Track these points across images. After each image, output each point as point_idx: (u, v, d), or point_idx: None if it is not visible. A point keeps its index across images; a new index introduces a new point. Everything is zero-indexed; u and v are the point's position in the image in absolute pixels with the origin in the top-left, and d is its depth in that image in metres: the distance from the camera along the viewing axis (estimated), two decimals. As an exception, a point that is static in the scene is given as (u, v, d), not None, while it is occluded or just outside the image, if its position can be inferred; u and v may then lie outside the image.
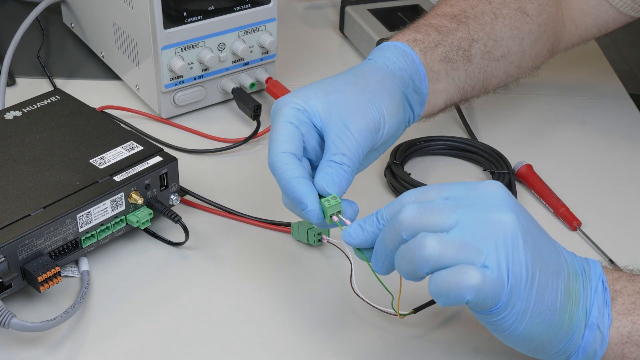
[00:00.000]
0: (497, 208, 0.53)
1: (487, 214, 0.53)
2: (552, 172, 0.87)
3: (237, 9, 0.88)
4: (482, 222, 0.53)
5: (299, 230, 0.75)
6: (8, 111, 0.79)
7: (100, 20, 0.96)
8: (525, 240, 0.53)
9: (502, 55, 0.79)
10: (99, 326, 0.67)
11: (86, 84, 0.98)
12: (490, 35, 0.78)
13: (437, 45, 0.75)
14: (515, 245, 0.52)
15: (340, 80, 0.67)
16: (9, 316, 0.62)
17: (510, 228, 0.52)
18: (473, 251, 0.52)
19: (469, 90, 0.79)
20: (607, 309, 0.55)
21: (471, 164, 0.88)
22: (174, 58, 0.87)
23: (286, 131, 0.63)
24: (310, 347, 0.66)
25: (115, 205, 0.71)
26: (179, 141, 0.88)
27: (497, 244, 0.52)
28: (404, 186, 0.81)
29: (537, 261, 0.53)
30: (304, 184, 0.62)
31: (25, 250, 0.65)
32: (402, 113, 0.69)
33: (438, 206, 0.54)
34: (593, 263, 0.58)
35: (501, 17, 0.79)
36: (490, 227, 0.52)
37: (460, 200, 0.54)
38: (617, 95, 1.00)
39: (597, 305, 0.55)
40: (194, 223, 0.77)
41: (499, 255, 0.52)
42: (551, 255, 0.55)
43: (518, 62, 0.81)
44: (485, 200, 0.54)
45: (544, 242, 0.55)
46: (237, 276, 0.72)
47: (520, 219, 0.53)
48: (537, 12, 0.81)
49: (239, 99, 0.91)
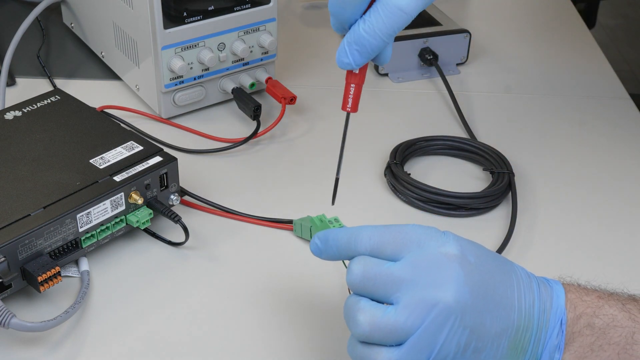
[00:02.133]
0: (438, 287, 0.53)
1: (426, 293, 0.53)
2: (552, 172, 0.87)
3: (237, 9, 0.88)
4: (419, 304, 0.53)
5: (301, 227, 0.75)
6: (8, 111, 0.79)
7: (100, 20, 0.96)
8: (463, 317, 0.53)
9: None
10: (99, 326, 0.67)
11: (86, 84, 0.98)
12: None
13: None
14: (446, 327, 0.53)
15: None
16: (9, 316, 0.62)
17: (445, 312, 0.53)
18: (400, 335, 0.53)
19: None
20: (558, 354, 0.55)
21: (471, 164, 0.88)
22: (174, 58, 0.87)
23: None
24: (312, 346, 0.66)
25: (115, 205, 0.71)
26: (179, 141, 0.88)
27: (427, 328, 0.53)
28: (404, 186, 0.81)
29: (475, 332, 0.54)
30: None
31: (25, 250, 0.65)
32: None
33: (382, 280, 0.55)
34: (557, 297, 0.56)
35: None
36: (426, 311, 0.53)
37: (408, 269, 0.54)
38: (617, 95, 1.00)
39: (549, 350, 0.55)
40: (193, 223, 0.77)
41: (424, 340, 0.53)
42: (498, 317, 0.54)
43: None
44: (430, 275, 0.54)
45: (493, 305, 0.54)
46: (237, 276, 0.72)
47: (462, 294, 0.53)
48: None
49: (239, 99, 0.91)
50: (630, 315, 0.56)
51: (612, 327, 0.55)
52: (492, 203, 0.81)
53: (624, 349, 0.55)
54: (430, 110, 0.97)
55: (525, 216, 0.80)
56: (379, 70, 1.01)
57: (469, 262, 0.54)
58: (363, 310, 0.54)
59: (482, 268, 0.55)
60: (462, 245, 0.55)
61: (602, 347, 0.55)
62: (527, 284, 0.56)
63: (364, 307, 0.55)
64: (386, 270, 0.55)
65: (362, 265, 0.55)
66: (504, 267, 0.56)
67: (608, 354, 0.55)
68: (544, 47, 1.12)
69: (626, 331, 0.55)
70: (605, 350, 0.55)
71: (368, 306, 0.55)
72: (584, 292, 0.57)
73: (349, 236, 0.57)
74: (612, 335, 0.55)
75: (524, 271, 0.57)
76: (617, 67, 1.08)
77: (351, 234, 0.57)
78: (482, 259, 0.55)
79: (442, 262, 0.54)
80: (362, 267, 0.55)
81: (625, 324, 0.55)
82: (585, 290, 0.58)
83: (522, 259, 0.75)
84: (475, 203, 0.80)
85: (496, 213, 0.81)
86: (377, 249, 0.56)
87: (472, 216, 0.80)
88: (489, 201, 0.80)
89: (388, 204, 0.82)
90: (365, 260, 0.56)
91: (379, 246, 0.56)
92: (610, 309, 0.56)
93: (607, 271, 0.66)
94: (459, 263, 0.54)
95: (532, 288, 0.56)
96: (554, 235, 0.79)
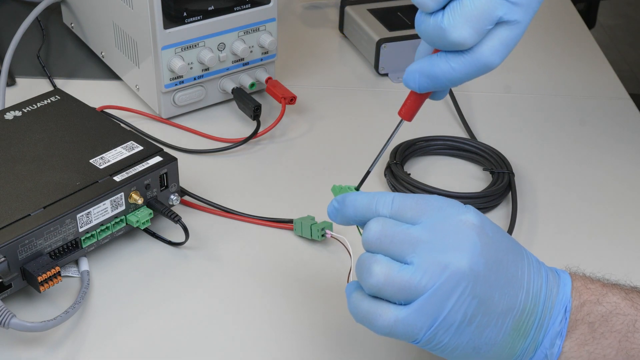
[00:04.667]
0: (454, 251, 0.53)
1: (442, 256, 0.53)
2: (552, 172, 0.87)
3: (237, 9, 0.88)
4: (433, 265, 0.53)
5: (301, 225, 0.75)
6: (8, 111, 0.79)
7: (100, 20, 0.96)
8: (474, 286, 0.53)
9: None
10: (99, 326, 0.67)
11: (86, 84, 0.98)
12: None
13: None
14: (456, 292, 0.53)
15: None
16: (9, 316, 0.62)
17: (457, 276, 0.53)
18: (411, 293, 0.53)
19: None
20: (560, 341, 0.56)
21: (471, 164, 0.88)
22: (174, 58, 0.87)
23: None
24: (312, 346, 0.66)
25: (115, 205, 0.71)
26: (179, 141, 0.88)
27: (438, 290, 0.53)
28: (404, 186, 0.81)
29: (483, 304, 0.54)
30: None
31: (25, 250, 0.65)
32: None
33: (399, 238, 0.55)
34: (564, 285, 0.57)
35: None
36: (439, 272, 0.53)
37: (427, 231, 0.54)
38: (617, 95, 1.00)
39: (550, 337, 0.56)
40: (194, 223, 0.77)
41: (432, 303, 0.53)
42: (506, 295, 0.55)
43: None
44: (447, 239, 0.54)
45: (503, 282, 0.55)
46: (237, 276, 0.72)
47: (476, 263, 0.53)
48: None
49: (239, 99, 0.91)
50: (633, 304, 0.56)
51: (614, 315, 0.56)
52: (492, 203, 0.81)
53: (625, 336, 0.55)
54: (430, 110, 0.97)
55: (525, 216, 0.80)
56: (379, 70, 1.01)
57: (486, 235, 0.55)
58: (380, 263, 0.54)
59: (498, 244, 0.55)
60: (483, 219, 0.56)
61: (604, 335, 0.55)
62: (536, 269, 0.57)
63: (381, 260, 0.54)
64: (405, 230, 0.55)
65: (380, 224, 0.55)
66: (517, 249, 0.57)
67: (609, 341, 0.55)
68: (544, 47, 1.12)
69: (628, 319, 0.56)
70: (607, 337, 0.55)
71: (385, 260, 0.55)
72: (588, 280, 0.58)
73: (370, 199, 0.57)
74: (614, 323, 0.56)
75: (535, 258, 0.58)
76: (617, 67, 1.08)
77: (372, 196, 0.58)
78: (499, 236, 0.56)
79: (460, 228, 0.54)
80: (381, 225, 0.55)
81: (627, 312, 0.56)
82: (590, 279, 0.58)
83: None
84: (475, 203, 0.80)
85: (496, 213, 0.81)
86: (398, 212, 0.56)
87: (472, 216, 0.80)
88: (489, 201, 0.80)
89: (388, 204, 0.82)
90: (384, 220, 0.56)
91: (401, 209, 0.56)
92: (614, 297, 0.57)
93: (608, 270, 0.66)
94: (477, 233, 0.54)
95: (541, 273, 0.57)
96: (554, 235, 0.79)
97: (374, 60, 1.01)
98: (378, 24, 1.03)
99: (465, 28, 0.56)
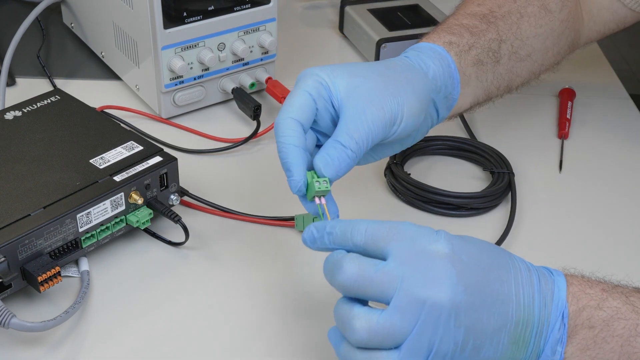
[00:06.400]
0: (430, 286, 0.53)
1: (419, 292, 0.53)
2: (552, 172, 0.87)
3: (237, 9, 0.88)
4: (412, 305, 0.53)
5: (303, 221, 0.75)
6: (8, 111, 0.79)
7: (100, 20, 0.96)
8: (457, 315, 0.53)
9: (527, 55, 0.79)
10: (99, 326, 0.67)
11: (86, 84, 0.98)
12: (517, 35, 0.78)
13: (470, 47, 0.74)
14: (440, 326, 0.53)
15: (369, 68, 0.67)
16: (9, 316, 0.62)
17: (437, 310, 0.53)
18: (397, 338, 0.53)
19: (494, 90, 0.79)
20: (560, 347, 0.55)
21: (471, 164, 0.88)
22: (174, 58, 0.87)
23: (301, 99, 0.64)
24: (313, 346, 0.66)
25: (115, 205, 0.71)
26: (179, 141, 0.88)
27: (421, 328, 0.53)
28: (404, 186, 0.81)
29: (472, 329, 0.54)
30: (296, 153, 0.62)
31: (25, 250, 0.65)
32: (424, 117, 0.69)
33: (377, 280, 0.54)
34: (558, 290, 0.56)
35: (526, 16, 0.79)
36: (418, 311, 0.53)
37: (401, 266, 0.54)
38: (617, 95, 1.00)
39: (551, 344, 0.55)
40: (194, 223, 0.77)
41: (420, 341, 0.53)
42: (495, 313, 0.54)
43: (541, 60, 0.81)
44: (422, 274, 0.54)
45: (490, 301, 0.54)
46: (237, 276, 0.72)
47: (455, 292, 0.53)
48: (559, 8, 0.81)
49: (239, 99, 0.91)
50: (634, 308, 0.56)
51: (615, 320, 0.55)
52: (492, 203, 0.81)
53: (627, 341, 0.55)
54: (430, 110, 0.97)
55: (525, 216, 0.80)
56: (379, 70, 1.01)
57: (461, 260, 0.54)
58: (358, 317, 0.54)
59: (477, 265, 0.55)
60: (454, 244, 0.55)
61: (605, 339, 0.55)
62: (526, 278, 0.56)
63: (359, 314, 0.54)
64: (381, 269, 0.54)
65: (357, 266, 0.55)
66: (501, 261, 0.56)
67: (611, 346, 0.55)
68: (544, 47, 1.12)
69: (630, 323, 0.55)
70: (609, 342, 0.55)
71: (362, 312, 0.54)
72: (587, 284, 0.57)
73: (345, 227, 0.57)
74: (616, 328, 0.55)
75: (524, 264, 0.57)
76: (617, 67, 1.08)
77: (347, 225, 0.57)
78: (477, 256, 0.55)
79: (433, 261, 0.54)
80: (357, 267, 0.55)
81: (628, 317, 0.55)
82: (589, 283, 0.58)
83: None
84: (475, 203, 0.80)
85: (496, 213, 0.81)
86: (371, 242, 0.56)
87: (472, 216, 0.80)
88: (489, 201, 0.80)
89: (388, 204, 0.82)
90: (359, 261, 0.55)
91: (374, 238, 0.56)
92: (614, 301, 0.56)
93: (608, 270, 0.66)
94: (451, 261, 0.54)
95: (531, 281, 0.56)
96: (554, 235, 0.79)
97: (374, 60, 1.01)
98: (378, 24, 1.03)
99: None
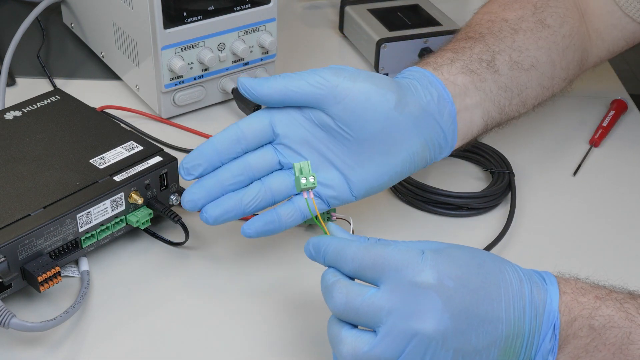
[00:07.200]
0: (416, 318, 0.54)
1: (405, 324, 0.54)
2: (552, 172, 0.87)
3: (237, 9, 0.88)
4: (401, 335, 0.54)
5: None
6: (8, 111, 0.79)
7: (100, 20, 0.96)
8: (444, 341, 0.54)
9: (531, 65, 0.77)
10: (99, 326, 0.67)
11: (86, 84, 0.98)
12: (513, 47, 0.76)
13: (453, 61, 0.73)
14: (427, 355, 0.54)
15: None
16: (9, 316, 0.62)
17: (424, 341, 0.53)
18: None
19: (507, 104, 0.76)
20: (552, 357, 0.56)
21: (471, 164, 0.88)
22: (174, 58, 0.87)
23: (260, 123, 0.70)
24: (313, 346, 0.66)
25: (115, 205, 0.71)
26: (179, 141, 0.88)
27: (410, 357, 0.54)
28: (404, 186, 0.81)
29: (460, 351, 0.54)
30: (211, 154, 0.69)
31: (25, 250, 0.65)
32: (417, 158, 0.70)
33: (363, 310, 0.55)
34: (550, 302, 0.56)
35: (521, 31, 0.78)
36: (405, 342, 0.54)
37: (388, 297, 0.54)
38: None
39: (542, 354, 0.56)
40: (194, 223, 0.77)
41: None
42: (483, 332, 0.54)
43: (550, 72, 0.79)
44: (408, 305, 0.54)
45: (477, 322, 0.54)
46: (237, 276, 0.72)
47: (441, 321, 0.53)
48: (559, 24, 0.80)
49: (239, 99, 0.91)
50: (628, 315, 0.55)
51: (608, 328, 0.55)
52: (492, 203, 0.81)
53: (620, 349, 0.55)
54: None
55: (524, 216, 0.80)
56: (378, 70, 1.01)
57: (447, 288, 0.54)
58: (345, 343, 0.55)
59: (464, 288, 0.54)
60: (440, 270, 0.55)
61: (597, 348, 0.55)
62: (517, 291, 0.56)
63: (345, 339, 0.56)
64: (367, 300, 0.55)
65: (344, 295, 0.56)
66: (491, 278, 0.56)
67: (603, 354, 0.55)
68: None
69: (622, 331, 0.55)
70: (600, 350, 0.55)
71: (349, 337, 0.55)
72: (580, 292, 0.57)
73: (335, 253, 0.58)
74: (608, 336, 0.55)
75: (516, 275, 0.57)
76: (617, 67, 1.08)
77: (336, 250, 0.58)
78: (464, 278, 0.55)
79: (418, 292, 0.54)
80: (345, 296, 0.56)
81: (622, 324, 0.55)
82: (582, 290, 0.57)
83: (521, 258, 0.74)
84: (475, 203, 0.80)
85: (496, 213, 0.81)
86: (359, 272, 0.57)
87: (472, 216, 0.80)
88: (489, 201, 0.80)
89: (388, 204, 0.82)
90: (347, 288, 0.56)
91: (360, 269, 0.57)
92: (607, 309, 0.56)
93: (607, 270, 0.66)
94: (436, 291, 0.54)
95: (522, 294, 0.56)
96: (553, 235, 0.79)
97: (374, 60, 1.01)
98: (378, 24, 1.03)
99: None
